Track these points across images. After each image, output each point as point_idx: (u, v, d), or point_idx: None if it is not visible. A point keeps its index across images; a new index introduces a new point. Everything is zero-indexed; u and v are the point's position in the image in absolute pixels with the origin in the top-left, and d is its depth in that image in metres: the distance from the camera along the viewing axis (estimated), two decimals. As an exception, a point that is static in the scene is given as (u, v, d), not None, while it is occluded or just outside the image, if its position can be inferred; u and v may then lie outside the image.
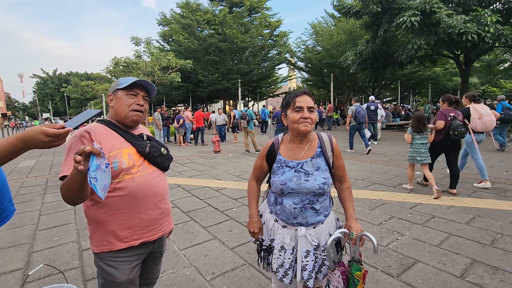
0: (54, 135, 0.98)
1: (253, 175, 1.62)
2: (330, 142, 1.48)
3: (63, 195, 1.12)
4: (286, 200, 1.41)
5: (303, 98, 1.39)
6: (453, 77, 28.17)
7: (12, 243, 3.11)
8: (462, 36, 10.16)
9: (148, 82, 1.37)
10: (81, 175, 1.01)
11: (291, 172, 1.40)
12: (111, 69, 18.46)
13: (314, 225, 1.43)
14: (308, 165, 1.41)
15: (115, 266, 1.29)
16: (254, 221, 1.50)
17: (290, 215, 1.40)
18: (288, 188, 1.38)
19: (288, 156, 1.45)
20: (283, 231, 1.45)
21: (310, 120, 1.37)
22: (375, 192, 4.52)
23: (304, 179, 1.38)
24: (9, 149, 0.97)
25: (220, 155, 8.94)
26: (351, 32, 20.97)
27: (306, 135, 1.43)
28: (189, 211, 3.90)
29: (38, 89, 69.58)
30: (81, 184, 1.05)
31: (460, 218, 3.39)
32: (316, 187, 1.37)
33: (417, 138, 4.59)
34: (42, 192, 5.19)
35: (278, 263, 1.44)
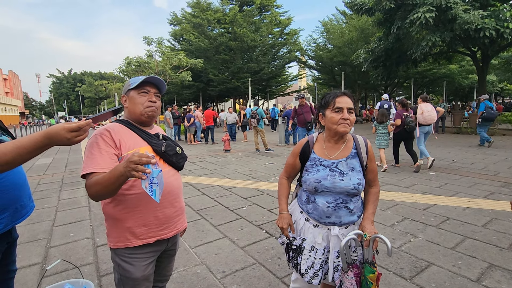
0: (77, 127, 1.04)
1: (284, 172, 1.62)
2: (366, 144, 1.48)
3: (94, 192, 1.14)
4: (319, 198, 1.41)
5: (343, 99, 1.39)
6: (469, 74, 27.34)
7: (30, 238, 3.22)
8: (479, 32, 9.84)
9: (157, 78, 1.39)
10: (124, 178, 1.07)
11: (326, 171, 1.41)
12: (123, 68, 18.81)
13: (347, 225, 1.43)
14: (343, 165, 1.42)
15: (131, 262, 1.32)
16: (284, 217, 1.50)
17: (323, 214, 1.41)
18: (322, 186, 1.39)
19: (323, 155, 1.46)
20: (314, 230, 1.44)
21: (349, 121, 1.37)
22: (388, 192, 4.45)
23: (339, 178, 1.38)
24: (34, 145, 1.01)
25: (230, 154, 8.99)
26: (363, 30, 20.65)
27: (343, 135, 1.43)
28: (200, 210, 3.94)
29: (54, 89, 71.71)
30: (120, 185, 1.11)
31: (476, 220, 3.29)
32: (351, 187, 1.37)
33: (380, 128, 6.35)
34: (58, 189, 5.34)
35: (308, 264, 1.43)
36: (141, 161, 1.00)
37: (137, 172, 1.00)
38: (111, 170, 1.11)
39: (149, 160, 1.01)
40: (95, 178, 1.15)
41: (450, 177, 5.23)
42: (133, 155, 1.01)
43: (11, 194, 1.34)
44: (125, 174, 1.04)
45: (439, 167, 6.06)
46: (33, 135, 1.03)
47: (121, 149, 1.27)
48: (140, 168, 0.99)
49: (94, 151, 1.23)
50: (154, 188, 1.06)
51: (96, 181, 1.13)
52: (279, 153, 8.83)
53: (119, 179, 1.07)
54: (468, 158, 6.93)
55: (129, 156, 1.02)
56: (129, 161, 1.01)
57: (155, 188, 1.06)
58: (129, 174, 1.02)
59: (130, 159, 1.01)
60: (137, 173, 1.00)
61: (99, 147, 1.23)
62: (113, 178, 1.08)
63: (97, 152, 1.22)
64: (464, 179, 5.10)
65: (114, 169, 1.09)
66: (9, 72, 62.31)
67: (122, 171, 1.04)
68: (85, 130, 1.06)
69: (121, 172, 1.05)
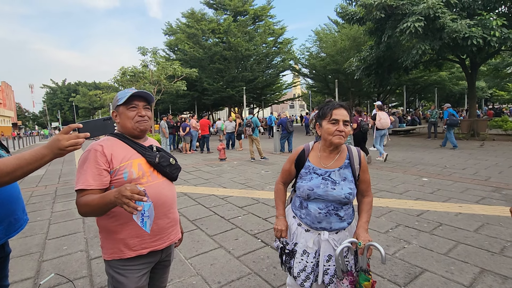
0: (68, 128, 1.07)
1: (280, 178, 1.69)
2: (359, 156, 1.53)
3: (83, 211, 1.19)
4: (312, 205, 1.47)
5: (340, 111, 1.44)
6: (459, 81, 27.96)
7: (22, 252, 3.17)
8: (467, 40, 10.10)
9: (143, 92, 1.40)
10: (113, 206, 1.11)
11: (319, 179, 1.46)
12: (118, 78, 18.81)
13: (337, 230, 1.48)
14: (335, 174, 1.47)
15: (125, 274, 1.33)
16: (281, 220, 1.59)
17: (314, 219, 1.47)
18: (315, 194, 1.45)
19: (317, 164, 1.51)
20: (306, 235, 1.50)
21: (344, 133, 1.42)
22: (381, 199, 4.49)
23: (331, 187, 1.44)
24: (34, 157, 1.03)
25: (225, 162, 8.99)
26: (355, 38, 21.06)
27: (338, 146, 1.49)
28: (195, 220, 3.93)
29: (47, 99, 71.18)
30: (109, 210, 1.16)
31: (468, 225, 3.34)
32: (342, 196, 1.43)
33: None
34: (51, 201, 5.28)
35: (300, 267, 1.49)
36: (133, 198, 1.02)
37: (128, 207, 1.03)
38: (101, 196, 1.15)
39: (141, 198, 1.04)
40: (85, 199, 1.18)
41: (442, 183, 5.30)
42: (126, 189, 1.04)
43: (5, 207, 1.34)
44: (115, 203, 1.08)
45: (432, 173, 6.14)
46: (36, 148, 1.06)
47: (112, 163, 1.29)
48: (132, 204, 1.02)
49: (85, 166, 1.26)
50: (145, 221, 1.08)
51: (86, 203, 1.17)
52: (274, 161, 8.86)
53: (108, 205, 1.12)
54: (460, 164, 7.04)
55: (121, 189, 1.05)
56: (121, 194, 1.04)
57: (146, 221, 1.08)
58: (119, 205, 1.06)
59: (122, 193, 1.03)
60: (128, 208, 1.03)
61: (90, 162, 1.26)
62: (102, 204, 1.13)
63: (88, 167, 1.25)
64: (456, 184, 5.18)
65: (105, 196, 1.13)
66: (2, 83, 61.80)
67: (112, 200, 1.08)
68: (78, 136, 1.07)
69: (111, 200, 1.09)
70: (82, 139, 1.08)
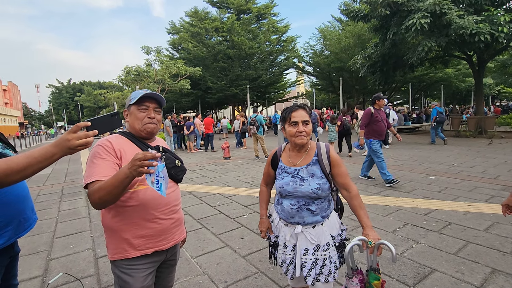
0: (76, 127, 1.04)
1: (263, 180, 1.81)
2: (327, 151, 1.58)
3: (97, 198, 1.13)
4: (285, 201, 1.57)
5: (297, 113, 1.53)
6: (466, 78, 27.58)
7: (30, 251, 3.20)
8: (474, 37, 9.95)
9: (156, 94, 1.40)
10: (129, 180, 1.07)
11: (289, 177, 1.56)
12: (122, 78, 18.92)
13: (312, 224, 1.53)
14: (303, 171, 1.55)
15: (130, 273, 1.32)
16: (263, 221, 1.72)
17: (288, 214, 1.56)
18: (285, 191, 1.55)
19: (288, 163, 1.61)
20: (285, 229, 1.60)
21: (305, 132, 1.51)
22: (388, 198, 4.44)
23: (299, 184, 1.52)
24: (44, 155, 1.02)
25: (230, 161, 8.98)
26: (359, 36, 20.89)
27: (303, 145, 1.55)
28: (200, 219, 3.93)
29: (53, 99, 71.91)
30: (125, 188, 1.11)
31: (478, 225, 3.29)
32: (310, 191, 1.49)
33: (331, 127, 9.14)
34: (58, 200, 5.32)
35: (282, 258, 1.60)
36: (146, 156, 1.01)
37: (143, 168, 1.01)
38: (114, 175, 1.11)
39: (154, 155, 1.02)
40: (98, 184, 1.15)
41: (450, 181, 5.23)
42: (137, 154, 1.03)
43: (14, 207, 1.34)
44: (130, 174, 1.05)
45: (439, 171, 6.07)
46: (44, 146, 1.05)
47: (121, 160, 1.29)
48: (146, 163, 1.01)
49: (96, 160, 1.24)
50: (161, 183, 1.07)
51: (99, 187, 1.13)
52: (279, 159, 8.82)
53: (123, 181, 1.07)
54: (468, 162, 6.94)
55: (133, 157, 1.04)
56: (133, 160, 1.03)
57: (161, 183, 1.07)
58: (135, 172, 1.03)
59: (134, 158, 1.02)
60: (144, 168, 1.02)
61: (100, 156, 1.25)
62: (117, 181, 1.08)
63: (99, 161, 1.24)
64: (465, 183, 5.10)
65: (118, 173, 1.10)
66: (9, 83, 62.61)
67: (126, 172, 1.05)
68: (87, 135, 1.05)
69: (126, 173, 1.05)
70: (91, 137, 1.06)
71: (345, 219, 1.66)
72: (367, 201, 4.28)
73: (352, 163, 7.69)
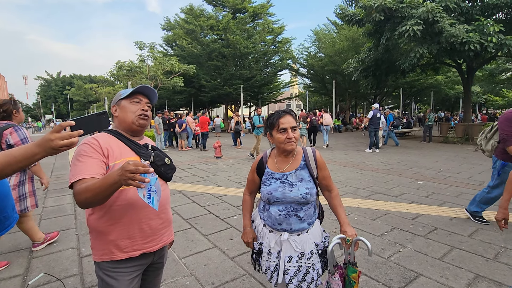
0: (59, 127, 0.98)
1: (246, 188, 1.76)
2: (314, 156, 1.59)
3: (83, 199, 1.08)
4: (273, 207, 1.53)
5: (285, 119, 1.51)
6: (455, 85, 28.20)
7: (12, 248, 3.10)
8: (464, 45, 10.17)
9: (149, 88, 1.39)
10: (118, 186, 1.02)
11: (277, 183, 1.53)
12: (114, 72, 18.60)
13: (298, 232, 1.52)
14: (292, 176, 1.53)
15: (115, 277, 1.28)
16: (247, 232, 1.65)
17: (275, 221, 1.52)
18: (274, 197, 1.51)
19: (275, 169, 1.58)
20: (270, 236, 1.56)
21: (294, 138, 1.50)
22: (377, 202, 4.49)
23: (288, 189, 1.50)
24: (24, 154, 0.97)
25: (221, 160, 8.94)
26: (354, 40, 21.09)
27: (291, 151, 1.54)
28: (189, 218, 3.89)
29: (41, 91, 70.08)
30: (112, 193, 1.06)
31: (463, 230, 3.36)
32: (299, 196, 1.48)
33: (303, 125, 11.01)
34: (43, 196, 5.19)
35: (266, 265, 1.57)
36: (138, 170, 0.96)
37: (133, 181, 0.96)
38: (103, 177, 1.06)
39: (146, 170, 0.97)
40: (85, 184, 1.10)
41: (437, 187, 5.33)
42: (128, 163, 0.97)
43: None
44: (119, 182, 1.00)
45: (427, 176, 6.18)
46: (25, 145, 1.00)
47: (108, 159, 1.24)
48: (138, 177, 0.96)
49: (81, 158, 1.19)
50: (153, 196, 1.03)
51: (86, 188, 1.08)
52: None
53: (111, 186, 1.02)
54: (455, 168, 7.10)
55: (124, 165, 0.98)
56: (124, 169, 0.97)
57: (153, 196, 1.03)
58: (124, 182, 0.98)
59: (126, 168, 0.97)
60: (134, 182, 0.97)
61: (87, 154, 1.20)
62: (105, 185, 1.03)
63: (85, 159, 1.19)
64: (451, 188, 5.21)
65: (107, 176, 1.04)
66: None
67: (116, 179, 1.00)
68: (71, 135, 0.99)
69: (115, 180, 1.00)
70: (76, 137, 1.00)
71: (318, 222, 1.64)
72: (356, 205, 4.32)
73: (342, 166, 7.76)
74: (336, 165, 7.69)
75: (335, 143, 13.79)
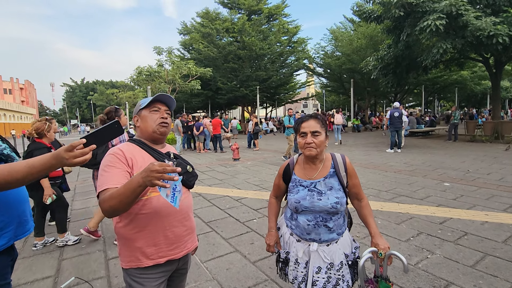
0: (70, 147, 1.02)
1: (273, 192, 1.73)
2: (344, 162, 1.53)
3: (108, 207, 1.11)
4: (301, 217, 1.48)
5: (307, 123, 1.47)
6: (481, 80, 26.84)
7: (44, 250, 3.26)
8: (492, 38, 9.64)
9: (167, 96, 1.42)
10: (142, 189, 1.04)
11: (305, 191, 1.47)
12: (134, 78, 19.19)
13: (328, 242, 1.47)
14: (321, 184, 1.47)
15: (142, 283, 1.31)
16: (272, 234, 1.62)
17: (304, 231, 1.47)
18: (302, 206, 1.45)
19: (302, 176, 1.53)
20: (297, 245, 1.51)
21: (314, 144, 1.43)
22: (401, 205, 4.34)
23: (317, 198, 1.44)
24: (43, 166, 1.04)
25: (239, 162, 8.98)
26: (372, 37, 20.57)
27: (316, 156, 1.48)
28: (210, 221, 3.92)
29: (67, 97, 73.66)
30: (136, 197, 1.08)
31: (496, 235, 3.17)
32: (329, 206, 1.42)
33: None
34: (70, 198, 5.42)
35: (293, 275, 1.52)
36: (165, 170, 0.98)
37: (159, 180, 0.98)
38: (126, 183, 1.09)
39: (174, 169, 0.99)
40: (110, 192, 1.13)
41: (466, 189, 5.07)
42: (153, 164, 0.99)
43: (15, 207, 1.38)
44: (143, 184, 1.01)
45: (454, 178, 5.90)
46: (45, 155, 1.06)
47: (132, 168, 1.28)
48: (166, 176, 0.98)
49: (107, 169, 1.24)
50: (176, 196, 1.05)
51: (110, 195, 1.11)
52: (288, 162, 8.76)
53: (135, 190, 1.04)
54: (484, 168, 6.73)
55: (149, 166, 1.00)
56: (150, 170, 0.99)
57: (177, 196, 1.05)
58: (148, 183, 1.00)
59: (152, 169, 0.99)
60: (159, 181, 0.98)
61: (112, 164, 1.25)
62: (128, 190, 1.05)
63: (110, 169, 1.23)
64: (481, 190, 4.94)
65: (130, 181, 1.07)
66: (25, 82, 64.42)
67: (140, 182, 1.02)
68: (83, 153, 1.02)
69: (139, 182, 1.02)
70: (88, 154, 1.04)
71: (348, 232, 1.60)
72: (379, 208, 4.19)
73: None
74: (357, 167, 7.51)
75: (354, 143, 13.50)
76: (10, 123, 46.39)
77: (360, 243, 3.04)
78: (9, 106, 45.64)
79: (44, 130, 3.22)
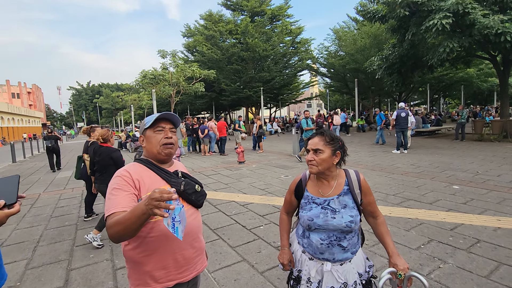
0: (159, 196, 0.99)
1: (283, 208, 1.68)
2: (358, 179, 1.49)
3: (114, 232, 1.09)
4: (313, 235, 1.44)
5: (312, 140, 1.47)
6: (488, 78, 26.44)
7: (52, 259, 3.27)
8: (500, 36, 9.49)
9: (170, 113, 1.39)
10: (146, 217, 1.02)
11: (318, 209, 1.43)
12: (139, 81, 19.31)
13: (341, 262, 1.42)
14: (335, 202, 1.43)
15: None
16: (285, 253, 1.55)
17: (316, 250, 1.43)
18: (315, 224, 1.42)
19: (315, 193, 1.49)
20: (310, 263, 1.47)
21: (315, 161, 1.42)
22: (410, 209, 4.27)
23: (331, 216, 1.40)
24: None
25: (244, 166, 8.96)
26: (376, 36, 20.40)
27: (320, 173, 1.46)
28: (216, 229, 3.90)
29: (73, 100, 74.55)
30: (141, 225, 1.06)
31: (510, 243, 3.09)
32: (343, 224, 1.38)
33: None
34: (78, 205, 5.45)
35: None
36: (162, 198, 0.95)
37: (158, 209, 0.96)
38: (132, 209, 1.07)
39: (170, 196, 0.96)
40: (116, 217, 1.11)
41: (476, 192, 4.98)
42: (154, 191, 0.97)
43: None
44: (147, 212, 0.99)
45: (463, 180, 5.79)
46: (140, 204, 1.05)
47: (140, 190, 1.26)
48: (162, 204, 0.95)
49: (114, 192, 1.22)
50: (177, 226, 1.02)
51: (116, 221, 1.09)
52: (293, 165, 8.72)
53: (140, 218, 1.02)
54: (494, 170, 6.61)
55: (151, 193, 0.98)
56: (150, 198, 0.97)
57: (177, 226, 1.02)
58: (150, 211, 0.98)
59: (151, 196, 0.97)
60: (159, 210, 0.96)
61: (119, 187, 1.23)
62: (134, 217, 1.03)
63: (117, 192, 1.22)
64: (492, 193, 4.84)
65: (135, 207, 1.05)
66: (33, 86, 65.32)
67: (143, 209, 1.00)
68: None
69: (143, 210, 1.00)
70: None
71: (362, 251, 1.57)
72: (388, 213, 4.13)
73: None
74: (362, 169, 7.43)
75: (359, 144, 13.37)
76: (19, 127, 47.12)
77: (369, 251, 3.00)
78: (18, 110, 46.35)
79: (108, 136, 3.90)
